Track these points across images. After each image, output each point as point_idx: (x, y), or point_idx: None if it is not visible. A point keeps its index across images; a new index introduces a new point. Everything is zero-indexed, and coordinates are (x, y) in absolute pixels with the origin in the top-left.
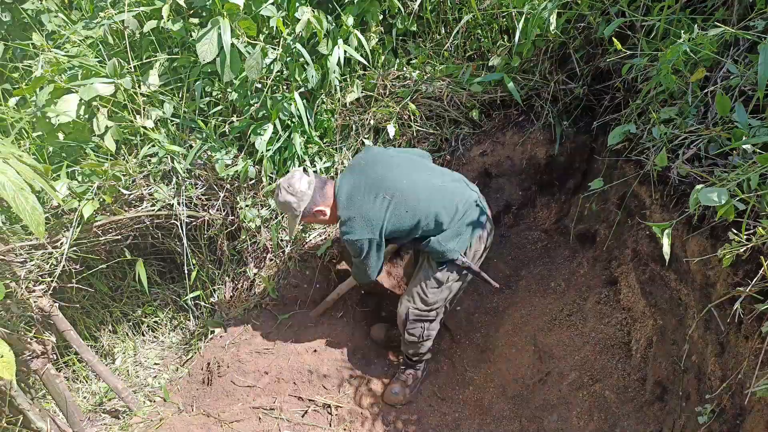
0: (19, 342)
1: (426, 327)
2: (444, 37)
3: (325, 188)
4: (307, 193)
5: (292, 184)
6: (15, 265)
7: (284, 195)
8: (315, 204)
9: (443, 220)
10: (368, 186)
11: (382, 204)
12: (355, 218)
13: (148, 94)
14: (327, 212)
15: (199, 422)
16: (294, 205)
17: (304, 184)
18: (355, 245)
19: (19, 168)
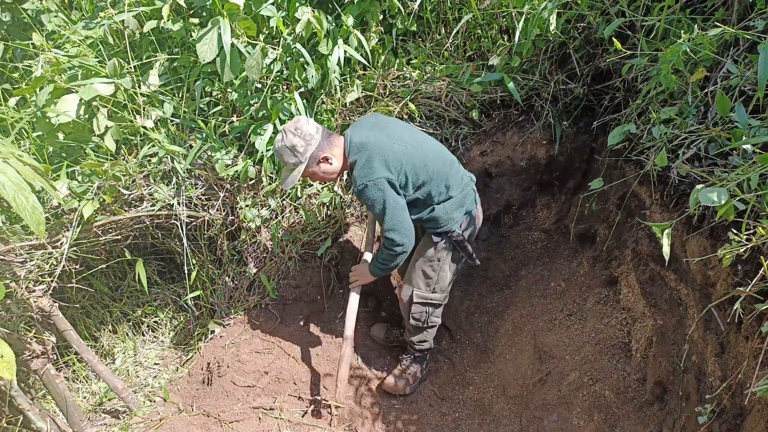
0: (19, 342)
1: (429, 312)
2: (444, 37)
3: (332, 137)
4: (316, 137)
5: (299, 127)
6: (15, 265)
7: (290, 138)
8: (322, 149)
9: (452, 185)
10: (384, 133)
11: (401, 148)
12: (373, 158)
13: (148, 94)
14: (333, 162)
15: (199, 422)
16: (300, 148)
17: (312, 127)
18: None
19: (20, 168)
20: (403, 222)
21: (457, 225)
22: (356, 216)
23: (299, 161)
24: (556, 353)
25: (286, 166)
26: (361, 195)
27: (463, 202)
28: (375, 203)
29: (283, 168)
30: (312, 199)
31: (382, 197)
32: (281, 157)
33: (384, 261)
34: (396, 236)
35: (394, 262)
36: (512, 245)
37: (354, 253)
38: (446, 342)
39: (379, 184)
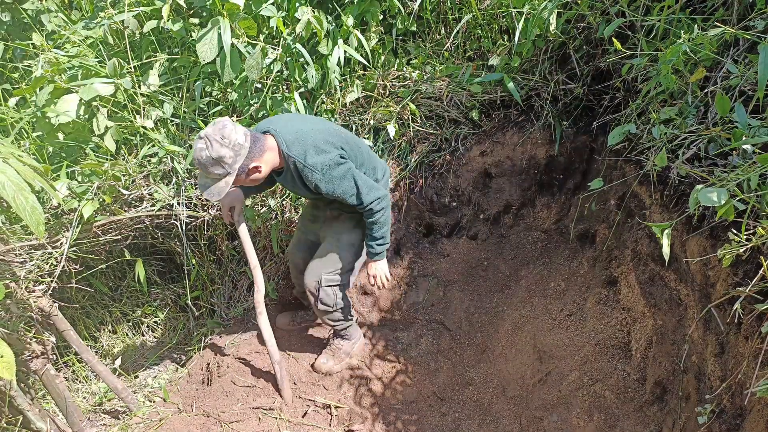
0: (19, 342)
1: (337, 294)
2: (444, 37)
3: (260, 141)
4: (245, 146)
5: (226, 135)
6: (15, 265)
7: (217, 149)
8: (252, 159)
9: (378, 170)
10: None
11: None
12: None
13: (148, 94)
14: (263, 169)
15: (199, 422)
16: (229, 160)
17: (241, 134)
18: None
19: (19, 168)
20: (370, 181)
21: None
22: None
23: (227, 173)
24: (556, 353)
25: (209, 175)
26: (327, 180)
27: (387, 184)
28: (344, 179)
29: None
30: None
31: (346, 169)
32: (203, 168)
33: (381, 229)
34: (375, 193)
35: (387, 221)
36: (512, 245)
37: None
38: (446, 342)
39: (339, 160)
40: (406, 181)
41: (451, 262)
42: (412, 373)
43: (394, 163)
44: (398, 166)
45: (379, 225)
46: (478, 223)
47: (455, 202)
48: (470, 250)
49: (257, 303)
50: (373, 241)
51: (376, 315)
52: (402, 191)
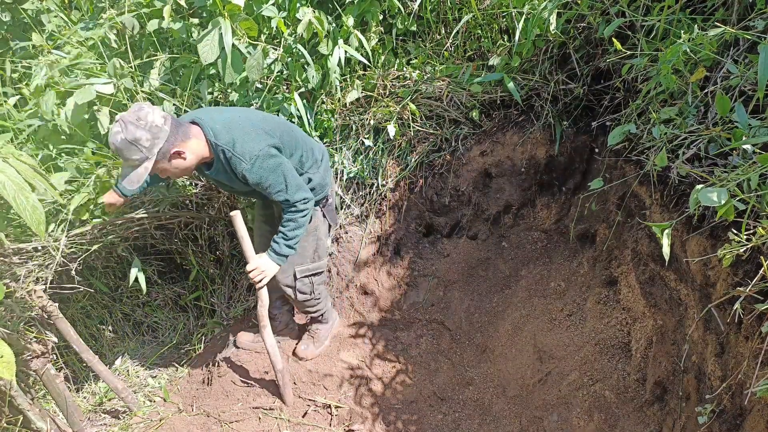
0: (19, 342)
1: (314, 281)
2: (444, 37)
3: (183, 127)
4: (164, 129)
5: (142, 117)
6: (15, 265)
7: (132, 131)
8: (173, 144)
9: (315, 150)
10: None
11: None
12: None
13: (150, 93)
14: (188, 156)
15: (199, 422)
16: (146, 143)
17: (158, 117)
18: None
19: (20, 167)
20: (300, 180)
21: (328, 190)
22: (356, 216)
23: (145, 157)
24: (556, 353)
25: (127, 162)
26: (255, 171)
27: (327, 166)
28: (273, 174)
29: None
30: None
31: (278, 164)
32: (120, 153)
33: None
34: (303, 193)
35: (305, 225)
36: (512, 245)
37: (354, 253)
38: (446, 342)
39: (270, 152)
40: (406, 181)
41: (451, 262)
42: (412, 373)
43: (394, 163)
44: (398, 166)
45: (296, 224)
46: (478, 223)
47: (455, 202)
48: (470, 250)
49: (261, 317)
50: (283, 240)
51: (376, 315)
52: (402, 191)
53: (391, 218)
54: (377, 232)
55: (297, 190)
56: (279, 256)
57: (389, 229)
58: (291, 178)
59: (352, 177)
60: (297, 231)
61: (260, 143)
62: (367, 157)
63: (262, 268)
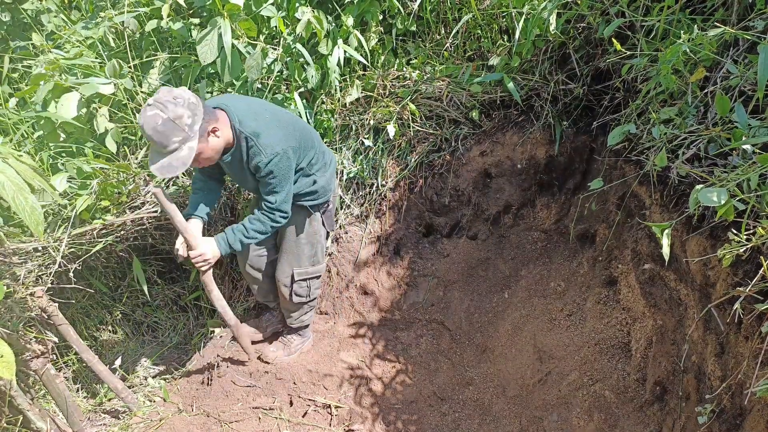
0: (19, 342)
1: (311, 285)
2: (444, 37)
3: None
4: (198, 105)
5: (177, 95)
6: (15, 265)
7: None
8: (208, 121)
9: (327, 157)
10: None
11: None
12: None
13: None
14: (220, 134)
15: (199, 422)
16: (188, 120)
17: (191, 94)
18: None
19: (19, 168)
20: (291, 194)
21: (331, 195)
22: (356, 216)
23: (188, 136)
24: (556, 353)
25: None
26: (270, 166)
27: (334, 172)
28: (281, 175)
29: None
30: None
31: (290, 167)
32: (161, 137)
33: (259, 232)
34: (288, 208)
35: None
36: (512, 245)
37: (353, 253)
38: (446, 342)
39: (288, 153)
40: (406, 181)
41: (451, 262)
42: (412, 373)
43: (394, 163)
44: (398, 166)
45: (263, 228)
46: (478, 223)
47: (455, 202)
48: (470, 250)
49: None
50: (241, 233)
51: (376, 315)
52: (402, 191)
53: (391, 218)
54: (377, 232)
55: (286, 201)
56: (228, 246)
57: (389, 229)
58: (289, 188)
59: (352, 177)
60: (259, 234)
61: (283, 142)
62: (367, 157)
63: (207, 255)
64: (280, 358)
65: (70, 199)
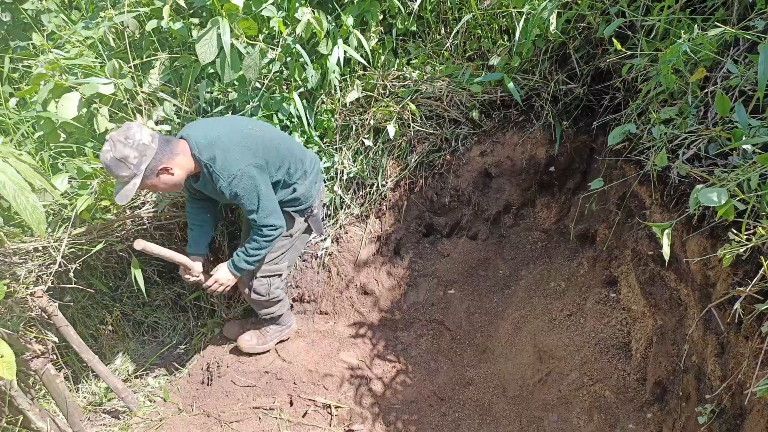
0: (19, 342)
1: (271, 284)
2: (444, 37)
3: (171, 144)
4: (151, 147)
5: (130, 136)
6: (15, 265)
7: (120, 149)
8: (160, 161)
9: (306, 162)
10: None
11: (251, 133)
12: (231, 148)
13: (149, 93)
14: (176, 171)
15: (199, 422)
16: (134, 160)
17: (146, 135)
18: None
19: (20, 167)
20: (275, 205)
21: (315, 201)
22: (356, 216)
23: (134, 173)
24: (556, 353)
25: (119, 179)
26: (231, 188)
27: (316, 178)
28: (247, 194)
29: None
30: None
31: (254, 185)
32: (110, 170)
33: (258, 250)
34: (273, 220)
35: (269, 249)
36: (512, 245)
37: (354, 253)
38: (446, 342)
39: (249, 172)
40: (406, 181)
41: (451, 262)
42: (412, 373)
43: (394, 163)
44: (398, 166)
45: (259, 246)
46: (478, 223)
47: (455, 202)
48: (470, 250)
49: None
50: (244, 255)
51: (376, 315)
52: (402, 191)
53: (391, 218)
54: (377, 232)
55: (268, 215)
56: (237, 269)
57: (389, 229)
58: (265, 201)
59: (352, 177)
60: (259, 252)
61: (240, 162)
62: (367, 157)
63: (221, 281)
64: (253, 347)
65: (70, 199)
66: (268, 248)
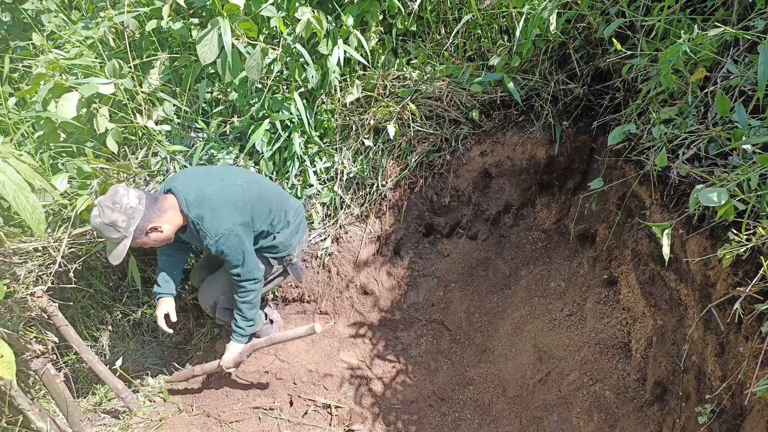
0: (19, 342)
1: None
2: (444, 37)
3: (158, 201)
4: (139, 209)
5: (117, 201)
6: (15, 265)
7: (108, 214)
8: (148, 221)
9: (289, 213)
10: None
11: (238, 188)
12: (219, 206)
13: (149, 93)
14: (164, 228)
15: (199, 422)
16: (122, 224)
17: (133, 198)
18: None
19: (19, 167)
20: (255, 262)
21: (294, 250)
22: (356, 216)
23: (123, 236)
24: (556, 353)
25: (109, 240)
26: (218, 246)
27: (298, 228)
28: (233, 252)
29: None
30: (312, 199)
31: (240, 244)
32: (100, 233)
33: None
34: (255, 274)
35: (257, 303)
36: (512, 245)
37: (354, 253)
38: (446, 342)
39: (235, 231)
40: (406, 181)
41: (451, 262)
42: (412, 373)
43: (394, 163)
44: (398, 166)
45: (249, 305)
46: (478, 223)
47: (455, 202)
48: (470, 250)
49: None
50: (244, 323)
51: (376, 315)
52: (402, 191)
53: (391, 218)
54: (377, 232)
55: (251, 270)
56: (243, 336)
57: (389, 229)
58: (249, 257)
59: (352, 177)
60: (253, 311)
61: (227, 222)
62: (367, 157)
63: (236, 356)
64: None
65: (70, 199)
66: (257, 303)
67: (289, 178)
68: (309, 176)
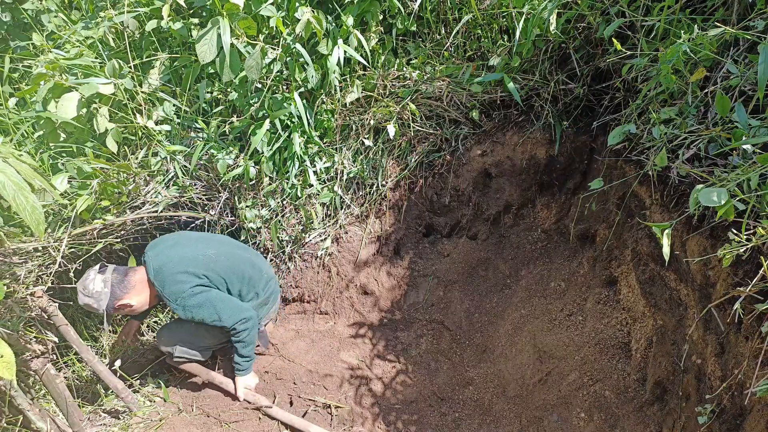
0: (19, 342)
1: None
2: (444, 37)
3: (127, 278)
4: (104, 292)
5: (86, 287)
6: (15, 265)
7: (82, 298)
8: (116, 299)
9: (259, 286)
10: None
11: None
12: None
13: (149, 93)
14: (134, 303)
15: (199, 422)
16: (94, 305)
17: (98, 283)
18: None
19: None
20: (235, 302)
21: (262, 320)
22: (356, 216)
23: (100, 311)
24: (556, 353)
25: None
26: (185, 309)
27: (268, 300)
28: (203, 307)
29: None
30: (312, 199)
31: (206, 298)
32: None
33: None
34: (241, 314)
35: (253, 340)
36: (512, 245)
37: (354, 253)
38: (446, 342)
39: (195, 291)
40: (406, 181)
41: (451, 262)
42: (412, 373)
43: (394, 163)
44: (398, 166)
45: (244, 344)
46: (478, 223)
47: (455, 202)
48: (470, 250)
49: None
50: (241, 359)
51: (376, 315)
52: (402, 191)
53: (391, 218)
54: (377, 232)
55: (232, 314)
56: (246, 370)
57: (389, 229)
58: (222, 305)
59: (352, 177)
60: (248, 348)
61: (183, 286)
62: (367, 157)
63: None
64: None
65: (70, 199)
66: (253, 340)
67: (289, 178)
68: (309, 176)
